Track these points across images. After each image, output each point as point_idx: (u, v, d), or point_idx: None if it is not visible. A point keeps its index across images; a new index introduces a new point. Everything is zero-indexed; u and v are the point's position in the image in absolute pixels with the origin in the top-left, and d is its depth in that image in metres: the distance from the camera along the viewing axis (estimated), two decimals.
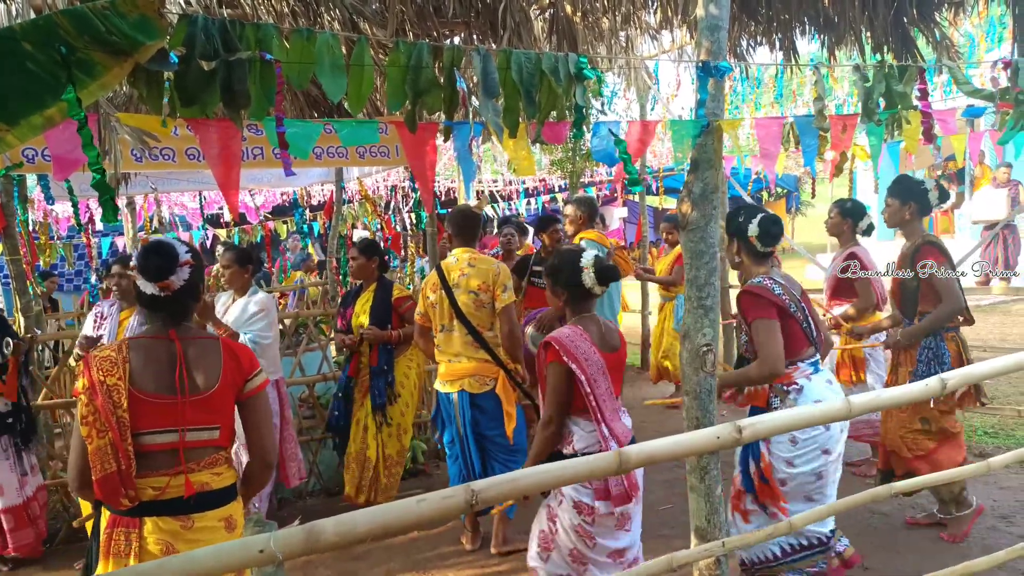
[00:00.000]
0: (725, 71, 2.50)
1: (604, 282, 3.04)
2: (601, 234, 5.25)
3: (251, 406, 2.47)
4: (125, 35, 1.79)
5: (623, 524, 3.08)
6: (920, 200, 4.14)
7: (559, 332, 3.02)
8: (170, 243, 2.35)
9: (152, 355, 2.32)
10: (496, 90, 2.42)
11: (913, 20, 5.12)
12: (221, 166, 2.34)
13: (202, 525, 2.32)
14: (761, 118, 3.46)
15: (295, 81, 2.20)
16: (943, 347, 4.10)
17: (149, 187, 7.11)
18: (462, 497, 2.17)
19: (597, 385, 2.88)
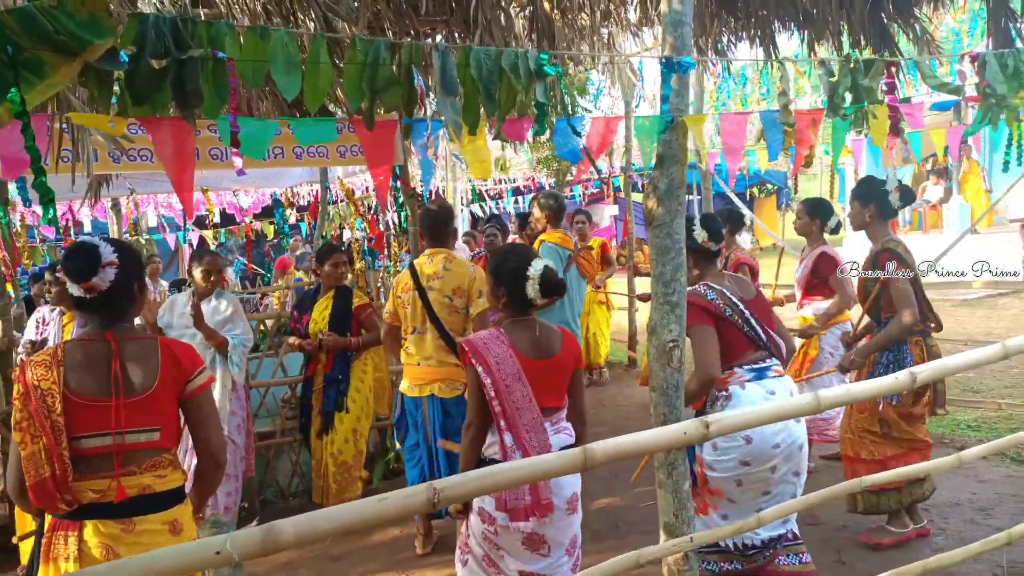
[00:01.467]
0: (688, 67, 2.50)
1: (547, 295, 2.92)
2: (565, 235, 5.08)
3: (194, 406, 2.43)
4: (73, 34, 1.78)
5: (534, 547, 2.87)
6: (880, 202, 4.04)
7: (476, 335, 2.93)
8: (93, 244, 2.30)
9: (88, 357, 2.29)
10: (455, 87, 2.41)
11: (890, 15, 5.14)
12: (174, 165, 2.32)
13: (144, 528, 2.29)
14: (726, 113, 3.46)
15: (249, 79, 2.20)
16: (905, 350, 3.98)
17: (127, 188, 7.07)
18: (424, 496, 2.17)
19: (510, 392, 2.75)
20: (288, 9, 4.03)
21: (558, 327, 3.11)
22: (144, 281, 2.48)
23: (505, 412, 2.75)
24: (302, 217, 11.75)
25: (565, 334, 3.04)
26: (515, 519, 2.76)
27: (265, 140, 2.41)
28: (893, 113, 3.16)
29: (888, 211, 4.06)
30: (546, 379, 2.89)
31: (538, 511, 2.76)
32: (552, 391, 2.94)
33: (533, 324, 2.96)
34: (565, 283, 2.97)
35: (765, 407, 2.86)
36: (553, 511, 2.82)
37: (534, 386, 2.83)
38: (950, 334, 9.72)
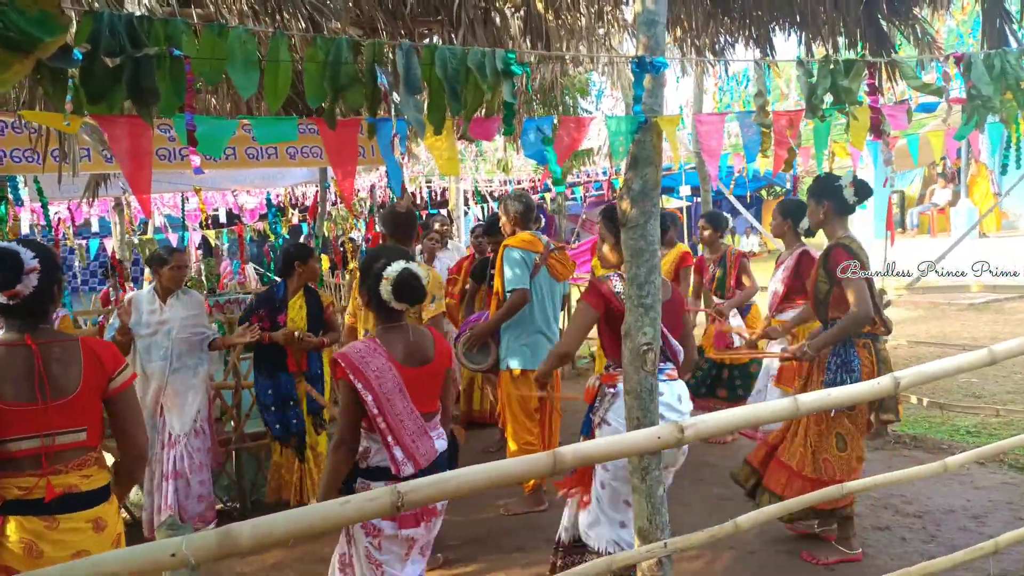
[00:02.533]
0: (660, 67, 2.47)
1: (402, 300, 2.74)
2: (534, 236, 4.87)
3: (119, 403, 2.45)
4: (24, 31, 1.76)
5: (411, 553, 2.80)
6: (835, 198, 3.92)
7: (350, 347, 2.79)
8: (14, 251, 2.29)
9: (10, 362, 2.29)
10: (418, 86, 2.39)
11: (887, 16, 5.09)
12: (130, 164, 2.31)
13: (68, 526, 2.31)
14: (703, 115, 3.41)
15: (207, 77, 2.18)
16: (852, 353, 3.84)
17: (120, 188, 7.10)
18: (387, 499, 2.14)
19: (391, 405, 2.67)
20: (275, 8, 4.01)
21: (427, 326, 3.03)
22: (62, 280, 2.48)
23: (391, 427, 2.67)
24: (304, 218, 11.77)
25: (435, 335, 2.96)
26: (405, 526, 2.70)
27: (223, 138, 2.39)
28: (875, 114, 3.12)
29: (844, 207, 3.94)
30: (424, 385, 2.82)
31: (427, 516, 2.75)
32: (430, 396, 2.87)
33: (406, 330, 2.85)
34: (423, 289, 2.77)
35: (741, 411, 2.81)
36: (439, 515, 2.84)
37: (413, 393, 2.75)
38: (953, 338, 9.63)
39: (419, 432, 2.73)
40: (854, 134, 3.19)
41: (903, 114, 3.42)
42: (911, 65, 3.20)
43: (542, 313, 4.86)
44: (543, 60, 5.96)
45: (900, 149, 6.62)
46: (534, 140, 2.69)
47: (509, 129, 2.49)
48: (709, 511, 4.75)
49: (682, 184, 16.29)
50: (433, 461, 2.78)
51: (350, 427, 2.74)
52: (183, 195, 10.01)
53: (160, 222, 13.44)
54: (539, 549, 4.35)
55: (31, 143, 4.34)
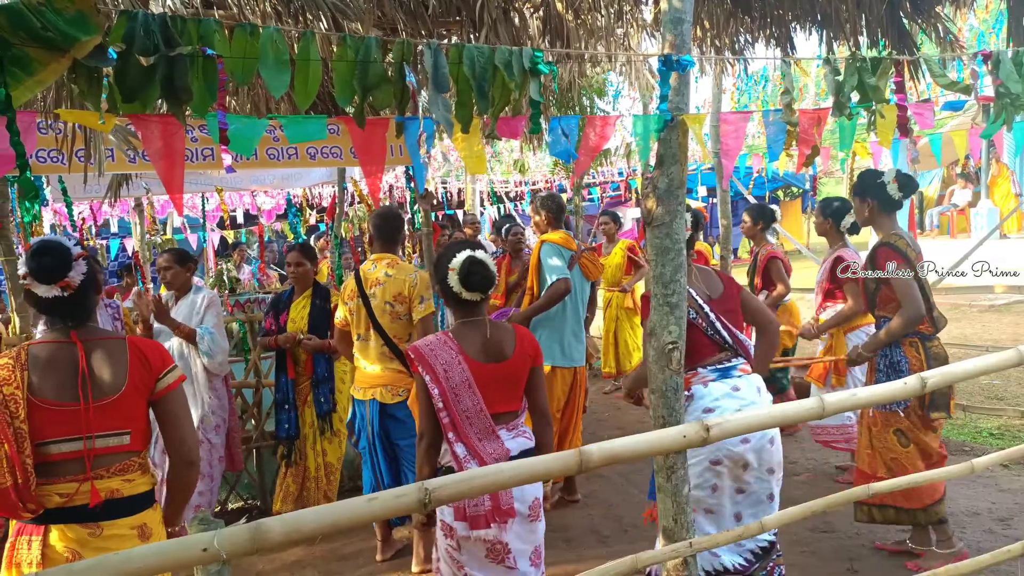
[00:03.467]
0: (687, 65, 2.46)
1: (471, 288, 2.75)
2: (567, 236, 4.93)
3: (166, 405, 2.34)
4: (61, 31, 1.79)
5: (497, 557, 2.72)
6: (878, 195, 3.89)
7: (423, 340, 2.80)
8: (58, 240, 2.23)
9: (54, 360, 2.20)
10: (446, 85, 2.40)
11: (909, 14, 5.05)
12: (164, 163, 2.33)
13: (111, 533, 2.23)
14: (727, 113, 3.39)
15: (238, 77, 2.19)
16: (900, 353, 3.83)
17: (143, 188, 7.16)
18: (415, 496, 2.15)
19: (459, 400, 2.64)
20: (298, 8, 4.03)
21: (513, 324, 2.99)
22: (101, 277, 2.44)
23: (455, 422, 2.64)
24: (321, 218, 11.83)
25: (520, 333, 2.91)
26: (475, 527, 2.65)
27: (254, 137, 2.40)
28: (902, 113, 3.09)
29: (888, 203, 3.90)
30: (499, 383, 2.77)
31: (499, 517, 2.66)
32: (506, 396, 2.81)
33: (483, 325, 2.83)
34: (491, 275, 2.78)
35: (767, 410, 2.80)
36: (515, 516, 2.72)
37: (486, 391, 2.72)
38: (974, 339, 9.53)
39: (486, 431, 2.69)
40: (881, 133, 3.17)
41: (929, 112, 3.39)
42: (937, 63, 3.17)
43: (574, 311, 4.91)
44: (561, 60, 5.96)
45: (923, 148, 6.56)
46: (560, 139, 2.70)
47: (536, 127, 2.49)
48: None
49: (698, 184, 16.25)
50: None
51: (426, 419, 2.75)
52: (203, 195, 10.09)
53: (179, 222, 13.55)
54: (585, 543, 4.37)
55: (57, 143, 4.39)
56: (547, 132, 2.78)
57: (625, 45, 6.78)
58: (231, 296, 6.83)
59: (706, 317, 3.22)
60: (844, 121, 3.15)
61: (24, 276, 2.19)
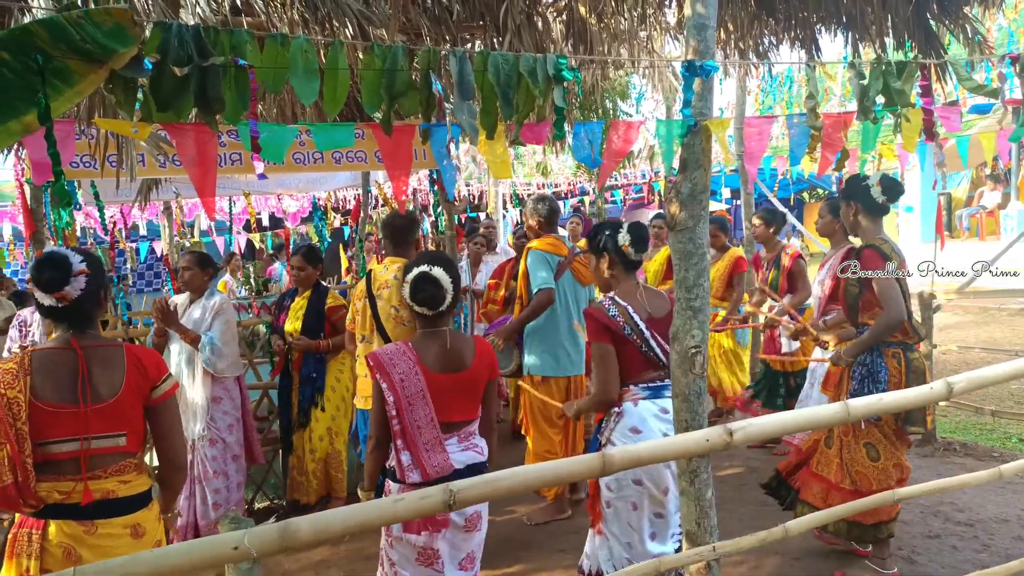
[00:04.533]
0: (711, 70, 2.47)
1: (419, 303, 2.79)
2: (557, 240, 4.81)
3: (159, 412, 2.47)
4: (99, 43, 1.85)
5: (427, 561, 2.79)
6: (863, 199, 3.79)
7: (383, 349, 2.86)
8: (64, 254, 2.33)
9: (55, 365, 2.32)
10: (471, 92, 2.43)
11: (936, 16, 5.01)
12: (197, 169, 2.39)
13: (106, 532, 2.33)
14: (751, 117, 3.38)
15: (269, 85, 2.25)
16: (880, 363, 3.75)
17: (172, 192, 7.28)
18: (440, 498, 2.17)
19: (412, 409, 2.69)
20: (324, 16, 4.09)
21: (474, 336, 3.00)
22: (108, 287, 2.52)
23: (405, 431, 2.69)
24: (346, 221, 11.94)
25: (480, 344, 2.94)
26: (408, 531, 2.72)
27: (284, 144, 2.45)
28: (927, 116, 3.07)
29: (873, 207, 3.80)
30: (454, 393, 2.81)
31: (431, 526, 2.72)
32: (461, 405, 2.85)
33: (443, 336, 2.85)
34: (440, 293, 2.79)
35: (791, 415, 2.79)
36: (448, 527, 2.78)
37: (441, 401, 2.76)
38: (1003, 343, 9.39)
39: (433, 443, 2.73)
40: (906, 136, 3.14)
41: (956, 115, 3.37)
42: (963, 65, 3.15)
43: (566, 317, 4.80)
44: (584, 64, 5.97)
45: (949, 150, 6.49)
46: (584, 144, 2.71)
47: (560, 133, 2.51)
48: (752, 516, 4.73)
49: (722, 186, 16.16)
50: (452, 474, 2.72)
51: (378, 424, 2.80)
52: (230, 199, 10.24)
53: (206, 225, 13.73)
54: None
55: (90, 149, 4.49)
56: (571, 137, 2.80)
57: (648, 48, 6.79)
58: (258, 298, 6.93)
59: (641, 334, 3.21)
60: (868, 124, 3.13)
61: (28, 281, 2.34)
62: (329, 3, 3.60)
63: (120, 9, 1.85)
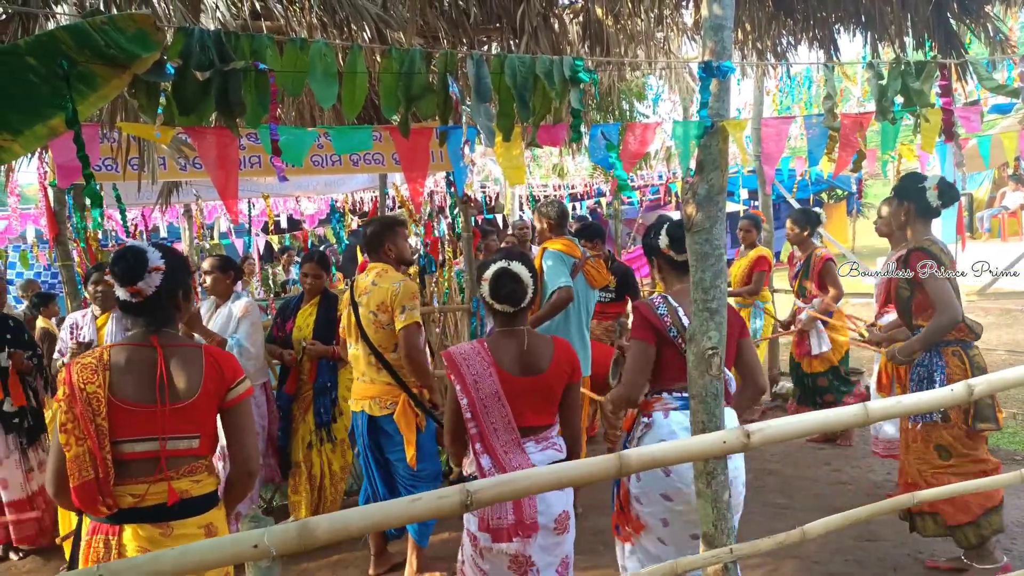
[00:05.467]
0: (728, 71, 2.47)
1: (500, 300, 2.73)
2: (570, 242, 4.86)
3: (234, 415, 2.44)
4: (123, 48, 1.88)
5: (520, 570, 2.69)
6: (917, 200, 3.71)
7: (458, 347, 2.78)
8: (141, 248, 2.32)
9: (133, 362, 2.31)
10: (488, 95, 2.44)
11: (956, 14, 4.97)
12: (219, 172, 2.41)
13: (181, 532, 2.31)
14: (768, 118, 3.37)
15: (289, 89, 2.27)
16: (938, 362, 3.71)
17: (192, 195, 7.36)
18: (457, 498, 2.19)
19: (487, 412, 2.62)
20: (342, 20, 4.12)
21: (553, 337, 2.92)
22: (191, 289, 2.50)
23: (481, 433, 2.62)
24: (362, 223, 12.00)
25: (559, 346, 2.87)
26: (497, 540, 2.61)
27: (304, 147, 2.48)
28: (947, 117, 3.04)
29: (927, 209, 3.73)
30: (531, 397, 2.72)
31: (522, 531, 2.61)
32: (537, 409, 2.76)
33: (520, 336, 2.78)
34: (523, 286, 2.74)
35: (810, 416, 2.78)
36: (538, 531, 2.67)
37: (517, 404, 2.68)
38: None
39: (512, 444, 2.65)
40: (925, 137, 3.12)
41: (976, 116, 3.33)
42: (984, 65, 3.12)
43: (577, 319, 4.78)
44: (601, 65, 5.97)
45: (971, 150, 6.42)
46: (600, 146, 2.72)
47: (577, 136, 2.52)
48: (770, 518, 4.70)
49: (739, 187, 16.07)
50: None
51: (452, 421, 2.74)
52: (249, 201, 10.33)
53: (225, 227, 13.86)
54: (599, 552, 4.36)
55: (112, 152, 4.56)
56: (587, 138, 2.80)
57: (665, 49, 6.78)
58: (276, 300, 6.98)
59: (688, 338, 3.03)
60: (887, 124, 3.11)
61: (107, 273, 2.34)
62: (347, 7, 3.63)
63: (143, 15, 1.88)
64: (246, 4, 3.83)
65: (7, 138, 1.82)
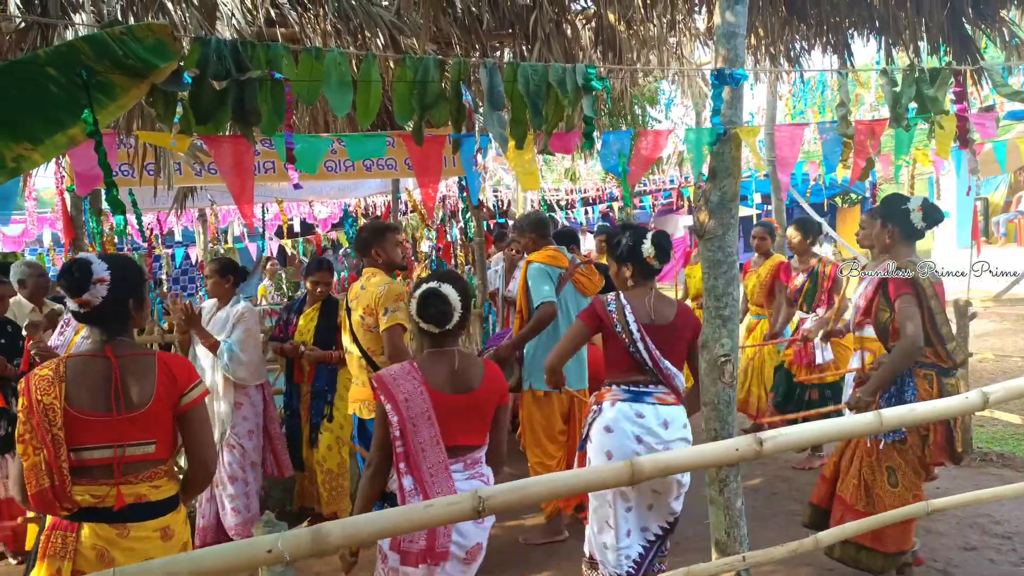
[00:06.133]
0: (740, 79, 2.47)
1: (426, 320, 2.69)
2: (556, 252, 4.69)
3: (188, 419, 2.48)
4: (141, 58, 1.90)
5: None
6: (902, 223, 3.60)
7: (388, 369, 2.76)
8: (87, 260, 2.36)
9: (88, 373, 2.36)
10: (501, 102, 2.45)
11: (971, 19, 4.94)
12: (235, 179, 2.44)
13: (138, 535, 2.37)
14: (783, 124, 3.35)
15: (304, 98, 2.29)
16: (909, 383, 3.55)
17: (207, 199, 7.42)
18: (469, 504, 2.20)
19: (416, 431, 2.58)
20: (356, 27, 4.15)
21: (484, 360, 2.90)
22: (142, 297, 2.53)
23: (408, 453, 2.59)
24: None
25: (490, 367, 2.85)
26: (405, 563, 2.61)
27: (318, 155, 2.50)
28: (962, 123, 3.02)
29: (911, 231, 3.62)
30: (461, 415, 2.71)
31: (431, 558, 2.60)
32: (467, 428, 2.74)
33: (452, 356, 2.74)
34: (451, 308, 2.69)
35: (824, 424, 2.77)
36: (448, 560, 2.65)
37: (447, 423, 2.66)
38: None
39: (439, 467, 2.63)
40: (939, 143, 3.10)
41: (991, 121, 3.31)
42: (999, 71, 3.10)
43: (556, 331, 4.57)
44: (613, 71, 5.98)
45: (986, 155, 6.38)
46: (612, 153, 2.72)
47: (589, 143, 2.53)
48: (783, 526, 4.68)
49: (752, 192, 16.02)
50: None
51: (379, 447, 2.70)
52: (263, 205, 10.40)
53: (239, 231, 13.94)
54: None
55: (128, 158, 4.61)
56: (599, 144, 2.80)
57: (678, 55, 6.77)
58: None
59: (631, 335, 3.21)
60: (901, 131, 3.09)
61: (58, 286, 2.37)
62: (361, 14, 3.66)
63: (161, 25, 1.90)
64: (261, 12, 3.87)
65: (28, 147, 1.85)
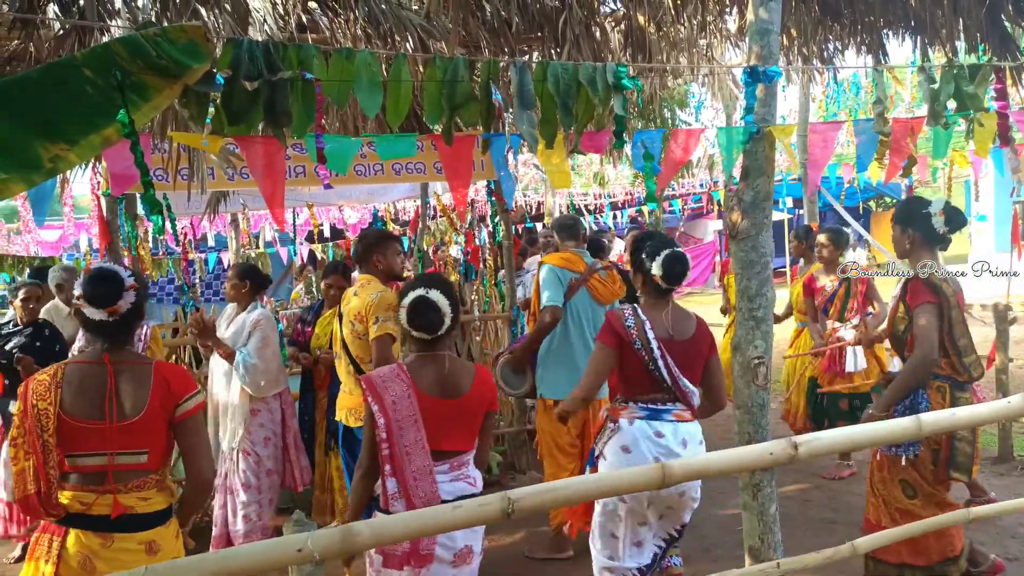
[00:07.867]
0: (774, 76, 2.44)
1: (415, 327, 2.67)
2: (574, 255, 4.55)
3: (184, 429, 2.47)
4: (174, 59, 1.92)
5: None
6: (923, 228, 3.48)
7: (377, 371, 2.76)
8: (114, 269, 2.39)
9: (85, 380, 2.37)
10: (532, 102, 2.44)
11: (1011, 16, 4.83)
12: (266, 180, 2.45)
13: (121, 546, 2.37)
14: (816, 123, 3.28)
15: (335, 99, 2.30)
16: (921, 395, 3.43)
17: (239, 204, 7.50)
18: (498, 505, 2.19)
19: (402, 434, 2.56)
20: (386, 31, 4.17)
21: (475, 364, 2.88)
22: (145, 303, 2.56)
23: (393, 456, 2.57)
24: (404, 232, 12.13)
25: (480, 373, 2.83)
26: (388, 565, 2.59)
27: (349, 155, 2.51)
28: (1002, 121, 2.94)
29: (932, 236, 3.49)
30: (449, 419, 2.69)
31: (415, 561, 2.57)
32: (455, 433, 2.72)
33: (442, 360, 2.73)
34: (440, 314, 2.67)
35: (860, 429, 2.70)
36: (432, 562, 2.62)
37: (435, 427, 2.64)
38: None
39: (423, 471, 2.61)
40: (979, 142, 3.02)
41: None
42: None
43: (580, 338, 4.47)
44: (643, 73, 5.94)
45: None
46: (643, 153, 2.70)
47: (620, 142, 2.50)
48: (816, 533, 4.59)
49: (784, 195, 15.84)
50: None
51: (368, 450, 2.69)
52: (293, 210, 10.50)
53: (271, 236, 14.10)
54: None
55: (163, 163, 4.67)
56: (629, 146, 2.77)
57: (708, 56, 6.71)
58: None
59: (651, 351, 3.11)
60: (940, 129, 3.02)
61: (77, 297, 2.36)
62: (391, 18, 3.67)
63: (194, 26, 1.92)
64: (293, 16, 3.90)
65: (63, 148, 1.88)
